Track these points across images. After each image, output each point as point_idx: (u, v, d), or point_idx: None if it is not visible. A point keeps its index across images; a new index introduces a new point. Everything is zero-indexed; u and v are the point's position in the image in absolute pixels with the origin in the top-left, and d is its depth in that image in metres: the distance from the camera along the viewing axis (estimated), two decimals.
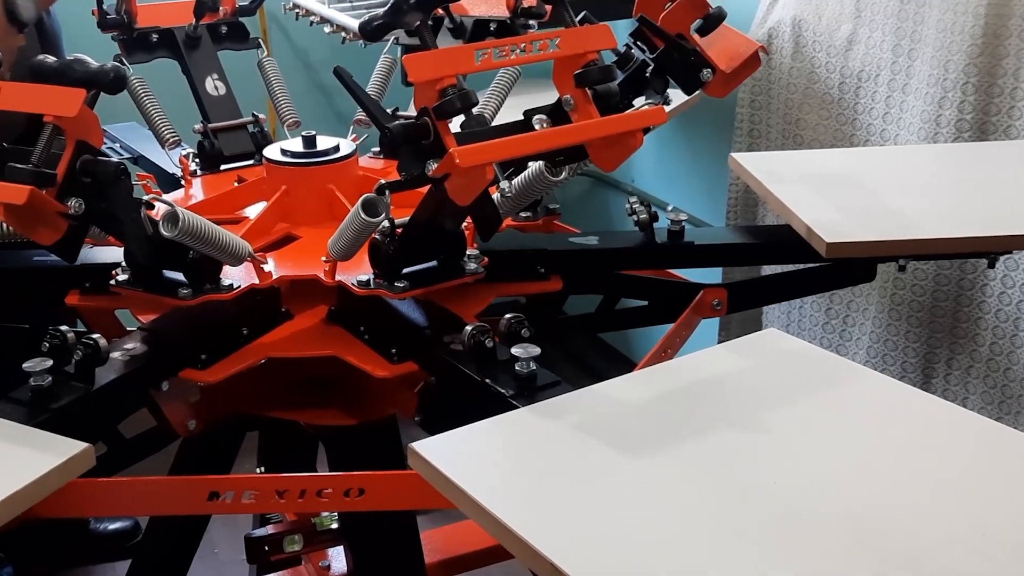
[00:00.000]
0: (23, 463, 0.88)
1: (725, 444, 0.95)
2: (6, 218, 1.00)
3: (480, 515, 0.86)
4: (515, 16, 1.68)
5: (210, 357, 1.24)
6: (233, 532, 1.51)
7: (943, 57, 1.79)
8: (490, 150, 1.02)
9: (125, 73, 1.05)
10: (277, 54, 2.09)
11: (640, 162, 2.75)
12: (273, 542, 1.63)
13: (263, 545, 1.63)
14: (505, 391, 1.09)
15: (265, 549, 1.63)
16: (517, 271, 1.44)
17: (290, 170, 1.45)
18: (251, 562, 1.68)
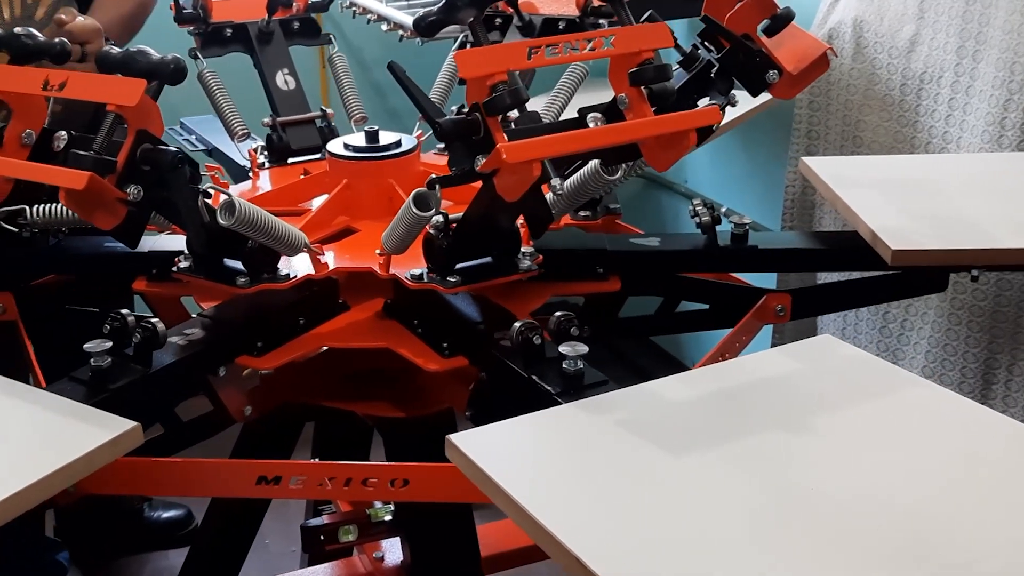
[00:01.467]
0: (74, 438, 0.92)
1: (770, 448, 0.95)
2: (67, 202, 1.04)
3: (512, 509, 0.87)
4: (585, 15, 1.69)
5: (266, 345, 1.27)
6: (284, 524, 1.54)
7: (1008, 59, 1.74)
8: (538, 146, 1.03)
9: (185, 65, 1.09)
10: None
11: (695, 163, 2.73)
12: (328, 532, 1.66)
13: (318, 534, 1.66)
14: (551, 389, 1.09)
15: (320, 538, 1.66)
16: (575, 270, 1.44)
17: (352, 164, 1.48)
18: (306, 551, 1.71)
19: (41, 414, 0.97)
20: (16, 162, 1.11)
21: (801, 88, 1.48)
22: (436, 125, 1.06)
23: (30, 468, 0.87)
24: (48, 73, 1.09)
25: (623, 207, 1.61)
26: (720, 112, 1.12)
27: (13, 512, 0.84)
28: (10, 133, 1.13)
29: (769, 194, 2.38)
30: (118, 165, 1.06)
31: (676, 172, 2.83)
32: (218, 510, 1.53)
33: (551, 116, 1.59)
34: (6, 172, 1.11)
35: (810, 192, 2.17)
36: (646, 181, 2.93)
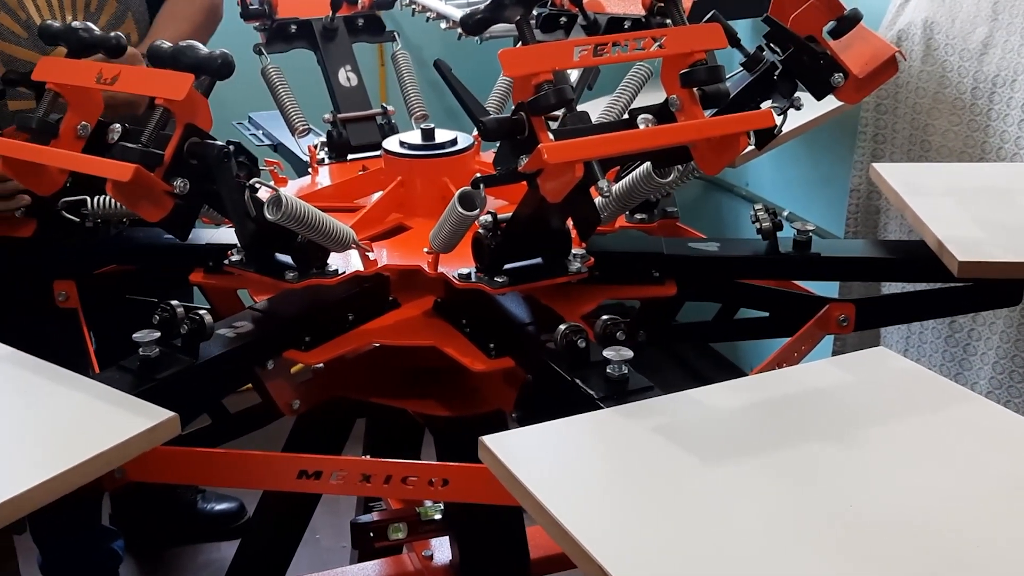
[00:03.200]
0: (112, 426, 0.94)
1: (811, 462, 0.93)
2: (114, 194, 1.07)
3: (539, 513, 0.86)
4: (651, 15, 1.67)
5: (314, 339, 1.28)
6: (335, 519, 1.57)
7: None
8: (580, 147, 1.03)
9: (232, 60, 1.11)
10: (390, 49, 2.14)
11: (756, 166, 2.69)
12: (378, 529, 1.68)
13: (368, 531, 1.69)
14: (594, 393, 1.09)
15: (370, 535, 1.69)
16: (630, 273, 1.43)
17: (406, 161, 1.50)
18: (356, 547, 1.74)
19: (84, 401, 0.99)
20: (66, 153, 1.15)
21: (868, 92, 1.45)
22: (480, 124, 1.07)
23: (68, 454, 0.90)
24: (101, 66, 1.12)
25: (682, 210, 1.59)
26: (774, 115, 1.10)
27: (51, 495, 0.87)
28: (66, 125, 1.16)
29: (832, 199, 2.34)
30: (165, 158, 1.08)
31: (737, 175, 2.79)
32: (270, 503, 1.56)
33: (612, 117, 1.58)
34: (58, 163, 1.15)
35: (875, 198, 2.12)
36: (706, 184, 2.90)
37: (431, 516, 1.68)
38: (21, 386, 1.03)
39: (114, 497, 2.32)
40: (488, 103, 1.64)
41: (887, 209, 2.10)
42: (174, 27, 1.78)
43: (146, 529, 2.43)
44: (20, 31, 1.65)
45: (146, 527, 2.43)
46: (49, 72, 1.16)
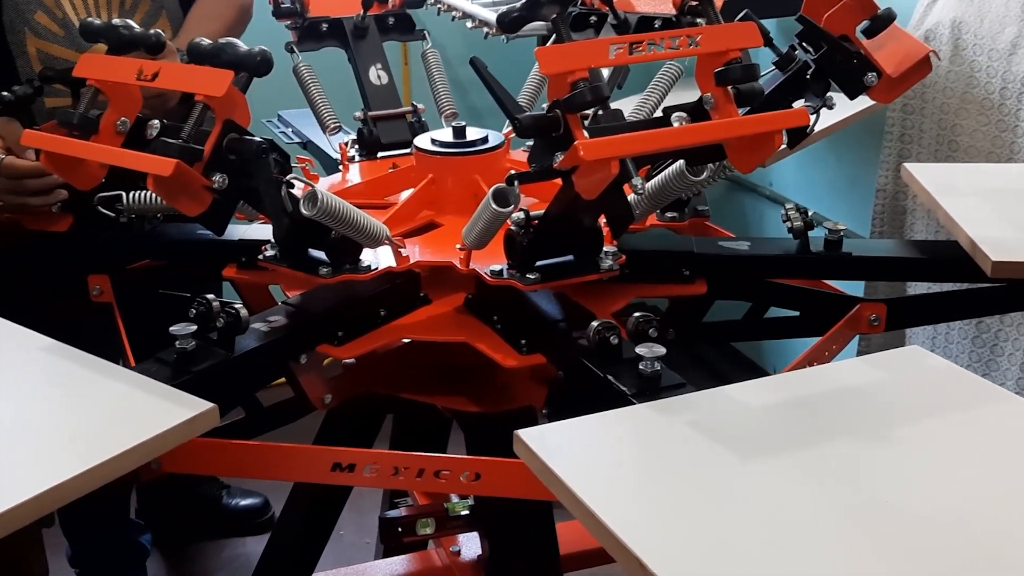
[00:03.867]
0: (152, 417, 0.96)
1: (846, 458, 0.93)
2: (154, 189, 1.09)
3: (576, 506, 0.87)
4: (681, 14, 1.68)
5: (346, 334, 1.30)
6: (358, 516, 1.59)
7: None
8: (616, 144, 1.03)
9: (271, 57, 1.13)
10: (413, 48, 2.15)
11: (781, 166, 2.68)
12: (406, 524, 1.70)
13: (396, 526, 1.70)
14: (627, 389, 1.09)
15: (398, 530, 1.70)
16: (660, 272, 1.44)
17: (438, 159, 1.51)
18: (384, 542, 1.75)
19: (124, 392, 1.01)
20: (108, 148, 1.17)
21: (901, 91, 1.45)
22: (516, 121, 1.08)
23: (109, 443, 0.91)
24: (142, 63, 1.14)
25: None
26: (808, 114, 1.10)
27: (93, 484, 0.89)
28: (106, 121, 1.18)
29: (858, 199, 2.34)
30: (205, 154, 1.10)
31: (761, 175, 2.79)
32: (300, 497, 1.58)
33: (643, 115, 1.59)
34: (99, 158, 1.17)
35: (902, 198, 2.12)
36: (730, 183, 2.90)
37: (458, 512, 1.69)
38: (63, 377, 1.05)
39: (140, 492, 2.35)
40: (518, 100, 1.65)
41: (913, 209, 2.10)
42: (206, 25, 1.80)
43: (172, 524, 2.46)
44: (57, 29, 1.67)
45: (172, 522, 2.46)
46: (90, 69, 1.18)
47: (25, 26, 1.66)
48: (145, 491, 2.35)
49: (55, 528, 2.19)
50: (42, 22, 1.66)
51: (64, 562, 2.25)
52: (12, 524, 0.83)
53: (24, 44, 1.66)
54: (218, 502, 2.50)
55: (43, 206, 1.47)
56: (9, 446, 0.94)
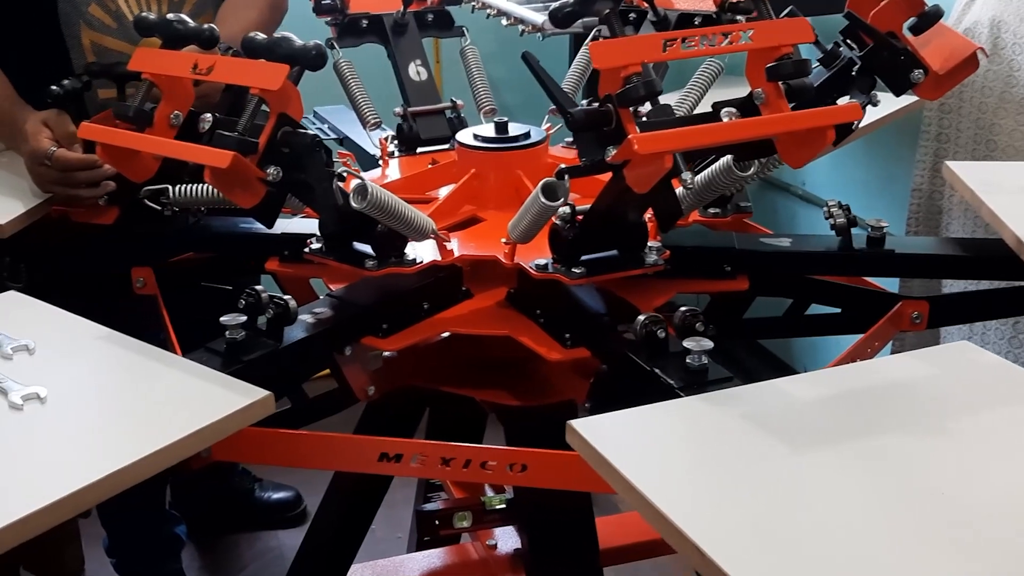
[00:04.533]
0: (209, 404, 0.98)
1: (898, 450, 0.94)
2: (211, 181, 1.11)
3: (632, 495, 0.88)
4: (722, 11, 1.68)
5: (391, 327, 1.31)
6: (389, 510, 1.61)
7: None
8: (669, 138, 1.04)
9: (325, 51, 1.14)
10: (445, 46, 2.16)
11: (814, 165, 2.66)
12: (443, 517, 1.71)
13: (434, 519, 1.72)
14: (674, 383, 1.10)
15: (435, 523, 1.72)
16: (702, 268, 1.45)
17: (480, 154, 1.52)
18: (421, 535, 1.76)
19: (180, 379, 1.03)
20: (166, 141, 1.19)
21: (947, 89, 1.45)
22: (568, 115, 1.09)
23: (167, 430, 0.93)
24: (197, 57, 1.16)
25: None
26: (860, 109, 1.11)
27: (153, 469, 0.90)
28: (160, 114, 1.20)
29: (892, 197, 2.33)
30: (259, 146, 1.12)
31: (794, 174, 2.78)
32: (338, 490, 1.60)
33: (683, 111, 1.60)
34: (157, 150, 1.19)
35: (938, 197, 2.12)
36: (761, 182, 2.88)
37: (495, 506, 1.70)
38: (120, 365, 1.07)
39: (175, 484, 2.37)
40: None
41: (950, 209, 2.10)
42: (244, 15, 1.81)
43: (205, 516, 2.49)
44: (111, 22, 1.70)
45: (205, 514, 2.49)
46: (145, 63, 1.20)
47: (80, 18, 1.69)
48: (179, 484, 2.38)
49: (92, 518, 2.22)
50: (96, 15, 1.69)
51: (101, 551, 2.28)
52: (75, 508, 0.84)
53: (79, 36, 1.69)
54: (250, 495, 2.53)
55: (91, 198, 1.49)
56: (69, 433, 0.96)
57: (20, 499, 0.83)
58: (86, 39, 1.68)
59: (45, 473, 0.88)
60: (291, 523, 2.51)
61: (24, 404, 0.97)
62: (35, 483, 0.86)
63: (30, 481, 0.86)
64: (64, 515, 0.83)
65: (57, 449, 0.93)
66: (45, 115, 1.54)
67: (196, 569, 2.40)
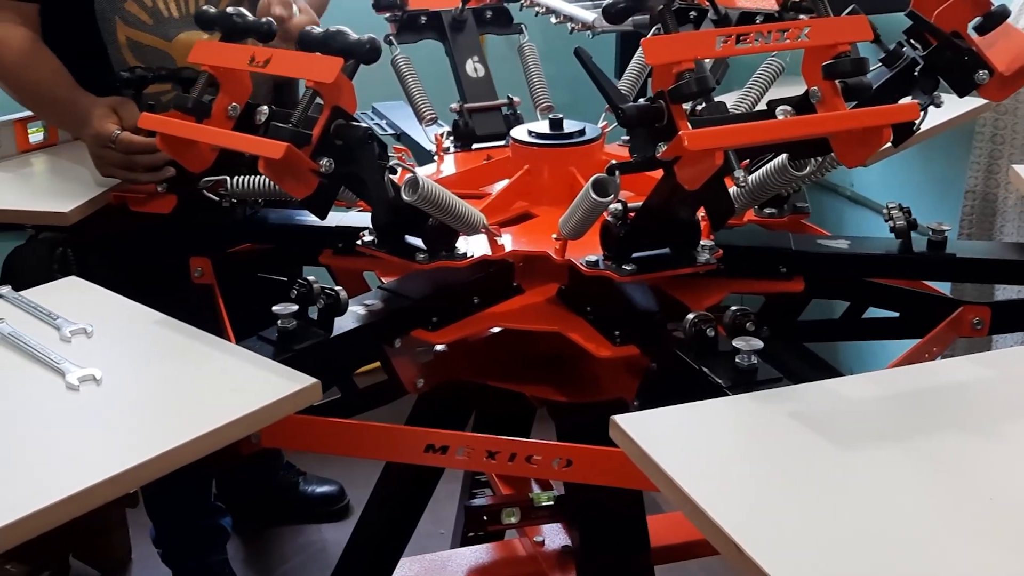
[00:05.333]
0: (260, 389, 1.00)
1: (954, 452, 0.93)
2: (265, 171, 1.14)
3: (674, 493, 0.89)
4: (784, 10, 1.67)
5: (440, 320, 1.33)
6: (433, 505, 1.63)
7: None
8: (721, 135, 1.05)
9: (380, 45, 1.17)
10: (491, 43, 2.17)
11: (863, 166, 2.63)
12: (491, 512, 1.72)
13: (482, 514, 1.73)
14: (722, 382, 1.11)
15: (483, 519, 1.73)
16: (756, 268, 1.45)
17: (534, 150, 1.54)
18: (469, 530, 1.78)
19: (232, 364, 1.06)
20: (223, 131, 1.22)
21: (1012, 90, 1.43)
22: (619, 111, 1.10)
23: (217, 413, 0.96)
24: (254, 50, 1.19)
25: None
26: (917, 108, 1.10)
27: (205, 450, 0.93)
28: (218, 106, 1.24)
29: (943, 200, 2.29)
30: (313, 138, 1.14)
31: (842, 175, 2.75)
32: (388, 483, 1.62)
33: (743, 109, 1.59)
34: (214, 141, 1.22)
35: (992, 199, 2.08)
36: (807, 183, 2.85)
37: (543, 503, 1.71)
38: (176, 349, 1.10)
39: (220, 477, 2.42)
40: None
41: (1004, 211, 2.07)
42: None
43: (249, 509, 2.53)
44: (147, 18, 1.74)
45: (249, 507, 2.53)
46: (204, 55, 1.23)
47: (116, 14, 1.73)
48: (224, 476, 2.43)
49: (139, 508, 2.28)
50: (132, 10, 1.73)
51: (147, 541, 2.33)
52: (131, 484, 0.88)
53: (115, 32, 1.74)
54: (295, 488, 2.56)
55: (152, 182, 1.54)
56: (123, 414, 0.99)
57: (73, 476, 0.86)
58: (122, 35, 1.73)
59: (98, 452, 0.91)
60: (334, 517, 2.54)
61: (80, 385, 1.00)
62: (88, 461, 0.89)
63: (84, 459, 0.90)
64: (114, 493, 0.86)
65: (110, 429, 0.96)
66: (112, 101, 1.59)
67: (240, 560, 2.44)
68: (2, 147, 1.73)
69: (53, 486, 0.84)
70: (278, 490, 2.56)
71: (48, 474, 0.88)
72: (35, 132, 1.77)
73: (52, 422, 0.97)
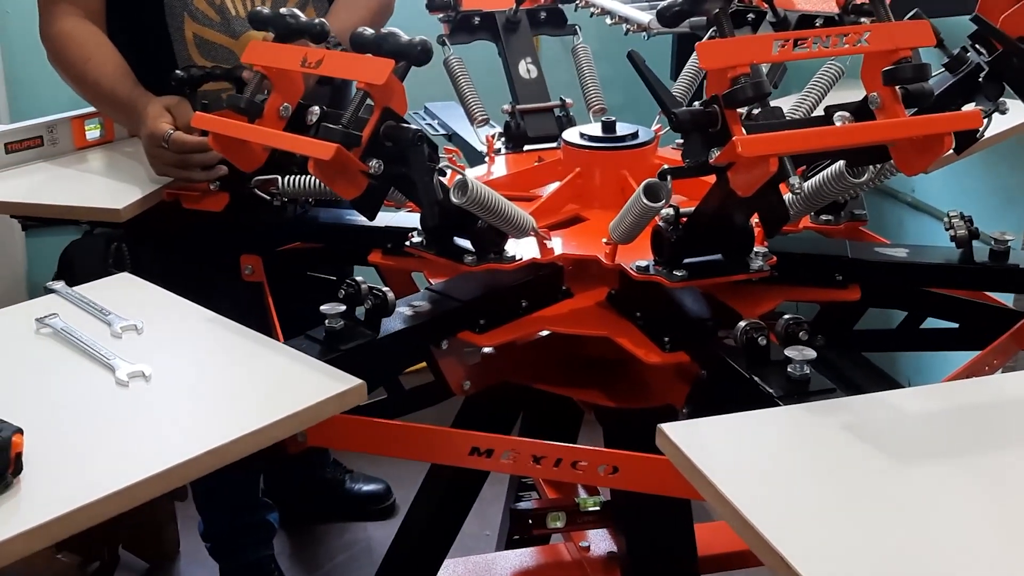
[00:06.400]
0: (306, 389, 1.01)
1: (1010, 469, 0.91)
2: (315, 171, 1.15)
3: (720, 503, 0.88)
4: (844, 12, 1.66)
5: (488, 323, 1.34)
6: (479, 507, 1.64)
7: None
8: (775, 141, 1.04)
9: (431, 47, 1.17)
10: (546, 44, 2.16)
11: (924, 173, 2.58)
12: (537, 516, 1.73)
13: (527, 518, 1.74)
14: (774, 391, 1.10)
15: (528, 522, 1.74)
16: (812, 276, 1.43)
17: (586, 153, 1.53)
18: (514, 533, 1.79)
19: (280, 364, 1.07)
20: (273, 131, 1.23)
21: None
22: (672, 115, 1.09)
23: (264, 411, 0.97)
24: (306, 51, 1.21)
25: None
26: (980, 116, 1.08)
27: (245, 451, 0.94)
28: (270, 106, 1.25)
29: (1008, 208, 2.25)
30: (363, 139, 1.15)
31: (903, 180, 2.70)
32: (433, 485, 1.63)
33: (800, 114, 1.58)
34: (265, 140, 1.24)
35: None
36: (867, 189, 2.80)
37: (589, 508, 1.71)
38: (224, 347, 1.12)
39: (268, 474, 2.45)
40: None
41: None
42: (354, 12, 1.87)
43: (296, 505, 2.56)
44: (214, 15, 1.77)
45: (296, 503, 2.56)
46: (257, 55, 1.25)
47: (184, 10, 1.76)
48: (272, 473, 2.45)
49: (188, 502, 2.31)
50: (200, 7, 1.76)
51: (196, 534, 2.36)
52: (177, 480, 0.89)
53: (182, 28, 1.77)
54: (341, 486, 2.59)
55: (205, 180, 1.56)
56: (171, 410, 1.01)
57: (122, 471, 0.88)
58: (189, 31, 1.76)
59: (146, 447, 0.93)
60: (380, 516, 2.57)
61: (130, 381, 1.02)
62: (136, 456, 0.90)
63: (132, 454, 0.91)
64: (161, 488, 0.88)
65: (158, 425, 0.98)
66: (167, 100, 1.62)
67: (287, 557, 2.47)
68: (59, 144, 1.76)
69: (102, 480, 0.86)
70: (325, 487, 2.58)
71: (97, 468, 0.89)
72: (92, 129, 1.80)
73: (102, 416, 0.99)
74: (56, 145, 1.75)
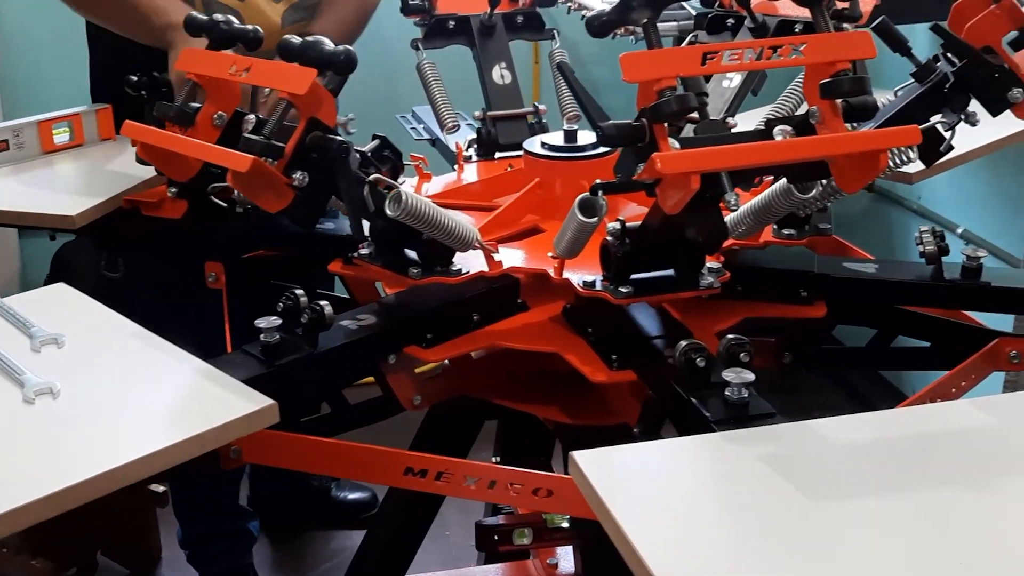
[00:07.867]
0: (217, 409, 1.00)
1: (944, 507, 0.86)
2: (233, 183, 1.14)
3: (621, 541, 0.85)
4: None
5: (435, 337, 1.31)
6: (466, 518, 1.62)
7: None
8: (697, 158, 1.01)
9: (355, 56, 1.15)
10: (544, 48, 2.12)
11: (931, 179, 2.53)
12: (503, 532, 1.71)
13: (493, 534, 1.71)
14: (709, 415, 1.07)
15: (495, 538, 1.71)
16: (775, 291, 1.40)
17: (545, 163, 1.51)
18: (480, 549, 1.77)
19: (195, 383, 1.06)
20: (192, 141, 1.22)
21: None
22: (599, 129, 1.06)
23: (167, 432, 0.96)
24: (236, 58, 1.19)
25: (845, 222, 1.54)
26: (920, 132, 1.04)
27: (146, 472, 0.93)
28: (203, 114, 1.24)
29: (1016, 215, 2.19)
30: (287, 151, 1.14)
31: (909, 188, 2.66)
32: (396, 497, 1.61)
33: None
34: (182, 150, 1.22)
35: None
36: (873, 195, 2.75)
37: (557, 524, 1.69)
38: (141, 364, 1.11)
39: (253, 480, 2.45)
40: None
41: None
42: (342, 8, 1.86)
43: (281, 512, 2.56)
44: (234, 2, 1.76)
45: (281, 510, 2.56)
46: (190, 63, 1.24)
47: None
48: (257, 479, 2.45)
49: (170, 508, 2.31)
50: None
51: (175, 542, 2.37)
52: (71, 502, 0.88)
53: None
54: (327, 494, 2.59)
55: None
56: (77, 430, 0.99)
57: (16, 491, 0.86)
58: None
59: (38, 469, 0.92)
60: (366, 524, 2.55)
61: (36, 398, 1.01)
62: (27, 478, 0.89)
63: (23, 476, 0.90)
64: (49, 512, 0.86)
65: (59, 445, 0.97)
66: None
67: (269, 565, 2.47)
68: (25, 148, 1.76)
69: None
70: (311, 495, 2.58)
71: None
72: (60, 133, 1.80)
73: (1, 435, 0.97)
74: (22, 149, 1.75)
